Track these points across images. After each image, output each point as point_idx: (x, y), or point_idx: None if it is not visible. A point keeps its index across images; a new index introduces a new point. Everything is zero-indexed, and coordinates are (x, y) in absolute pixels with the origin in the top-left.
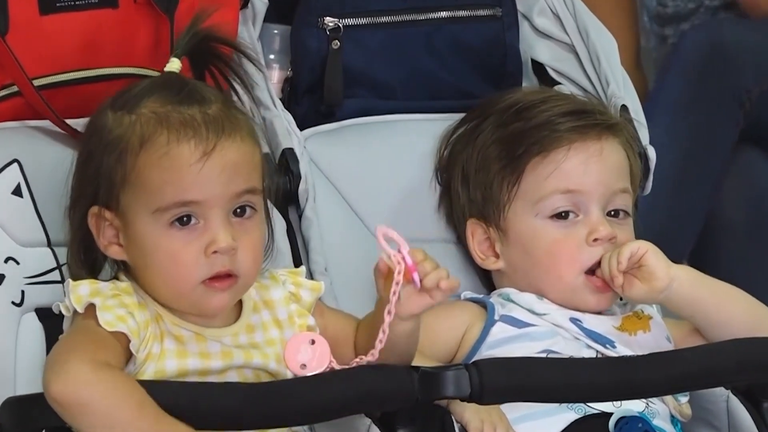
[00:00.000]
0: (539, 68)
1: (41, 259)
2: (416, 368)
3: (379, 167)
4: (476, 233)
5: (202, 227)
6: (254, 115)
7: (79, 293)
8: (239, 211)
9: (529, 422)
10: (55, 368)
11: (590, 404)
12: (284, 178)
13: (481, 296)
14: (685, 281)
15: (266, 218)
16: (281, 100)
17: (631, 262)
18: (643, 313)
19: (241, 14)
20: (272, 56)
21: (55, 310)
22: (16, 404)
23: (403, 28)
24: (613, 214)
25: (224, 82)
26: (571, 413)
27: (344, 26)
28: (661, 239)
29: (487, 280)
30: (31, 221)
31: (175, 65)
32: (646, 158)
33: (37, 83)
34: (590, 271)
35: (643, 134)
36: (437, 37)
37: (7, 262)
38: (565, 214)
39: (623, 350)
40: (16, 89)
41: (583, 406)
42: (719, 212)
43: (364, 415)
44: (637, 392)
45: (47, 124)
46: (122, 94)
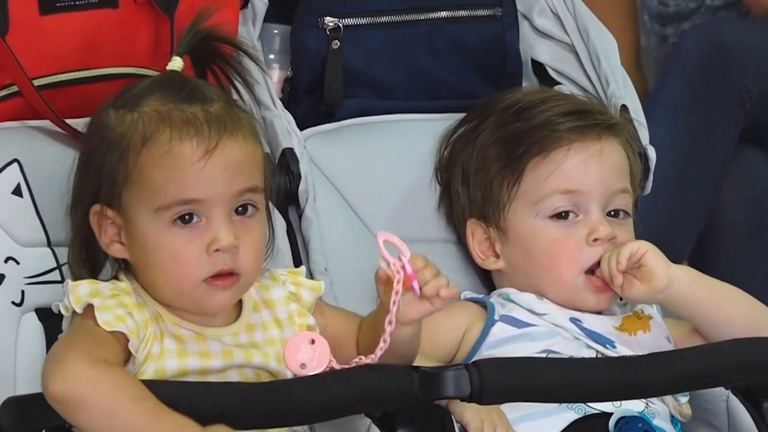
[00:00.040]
0: (539, 68)
1: (41, 259)
2: (416, 368)
3: (379, 167)
4: (476, 233)
5: (204, 225)
6: (255, 113)
7: (78, 293)
8: (241, 209)
9: (529, 422)
10: (53, 367)
11: (590, 404)
12: (284, 178)
13: (481, 296)
14: (684, 281)
15: (267, 217)
16: (281, 100)
17: (630, 262)
18: (643, 313)
19: (241, 14)
20: (272, 56)
21: (54, 309)
22: (16, 404)
23: (403, 28)
24: (613, 214)
25: (226, 80)
26: (571, 413)
27: (344, 26)
28: (661, 239)
29: (487, 280)
30: (31, 221)
31: (177, 64)
32: (646, 158)
33: (37, 83)
34: (590, 271)
35: (643, 134)
36: (437, 37)
37: (7, 262)
38: (565, 214)
39: (623, 350)
40: (16, 89)
41: (583, 406)
42: (719, 212)
43: (364, 415)
44: (637, 392)
45: (47, 124)
46: (124, 92)
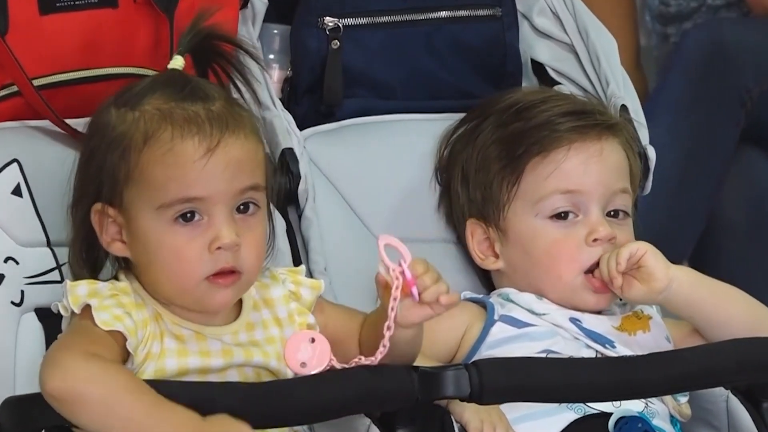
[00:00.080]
0: (539, 68)
1: (41, 259)
2: (416, 368)
3: (378, 167)
4: (476, 233)
5: (206, 223)
6: (255, 112)
7: (76, 293)
8: (242, 207)
9: (529, 422)
10: (49, 365)
11: (590, 404)
12: (284, 178)
13: (480, 296)
14: (684, 282)
15: (268, 216)
16: (281, 100)
17: (630, 263)
18: (642, 313)
19: (240, 14)
20: (272, 56)
21: (53, 309)
22: (15, 404)
23: (403, 28)
24: (612, 214)
25: (227, 79)
26: (570, 413)
27: (344, 26)
28: (661, 239)
29: (486, 280)
30: (30, 221)
31: (178, 62)
32: (645, 158)
33: (37, 83)
34: (589, 271)
35: (642, 134)
36: (437, 37)
37: (6, 262)
38: (564, 214)
39: (623, 350)
40: (16, 89)
41: (582, 406)
42: (719, 212)
43: (364, 415)
44: (636, 392)
45: (47, 124)
46: (125, 91)
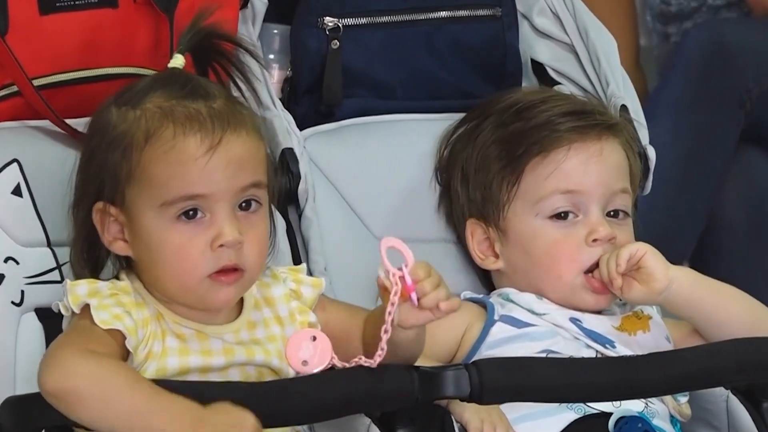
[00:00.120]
0: (539, 68)
1: (41, 259)
2: (416, 368)
3: (378, 167)
4: (476, 233)
5: (208, 221)
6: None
7: (76, 293)
8: (245, 205)
9: (529, 422)
10: (47, 364)
11: (590, 404)
12: (284, 178)
13: (480, 296)
14: (684, 282)
15: (270, 214)
16: (281, 100)
17: (629, 264)
18: (642, 313)
19: (240, 14)
20: (272, 56)
21: (54, 309)
22: (16, 404)
23: (403, 28)
24: (612, 214)
25: (227, 78)
26: (570, 413)
27: (344, 26)
28: (661, 239)
29: (486, 280)
30: (30, 221)
31: (178, 61)
32: (645, 158)
33: (37, 83)
34: (589, 271)
35: (642, 134)
36: (437, 37)
37: (6, 262)
38: (564, 214)
39: (623, 350)
40: (16, 89)
41: (582, 406)
42: (719, 212)
43: (364, 414)
44: (636, 392)
45: (47, 124)
46: (126, 90)
